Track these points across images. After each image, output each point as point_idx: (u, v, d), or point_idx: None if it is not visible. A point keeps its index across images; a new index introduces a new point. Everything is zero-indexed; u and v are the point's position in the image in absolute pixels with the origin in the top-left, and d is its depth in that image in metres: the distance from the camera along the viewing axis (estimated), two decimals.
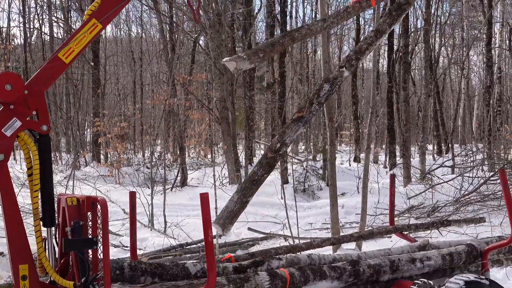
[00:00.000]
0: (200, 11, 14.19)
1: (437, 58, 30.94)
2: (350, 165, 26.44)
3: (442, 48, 34.46)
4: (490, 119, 23.31)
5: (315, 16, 31.62)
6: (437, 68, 31.62)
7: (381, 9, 13.44)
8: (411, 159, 21.80)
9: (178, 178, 20.50)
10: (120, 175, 21.32)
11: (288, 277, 4.37)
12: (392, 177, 6.50)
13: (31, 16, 31.93)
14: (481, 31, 29.01)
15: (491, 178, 15.24)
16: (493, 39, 25.36)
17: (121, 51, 40.73)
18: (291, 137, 4.90)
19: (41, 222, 3.89)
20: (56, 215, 4.00)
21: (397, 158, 24.56)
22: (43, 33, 31.78)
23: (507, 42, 29.06)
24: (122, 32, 42.07)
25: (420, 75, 39.71)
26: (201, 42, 26.33)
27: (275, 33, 24.39)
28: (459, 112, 37.35)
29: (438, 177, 17.57)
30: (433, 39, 30.06)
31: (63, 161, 27.13)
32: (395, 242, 9.31)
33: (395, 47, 25.49)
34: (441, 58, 37.04)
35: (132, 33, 39.91)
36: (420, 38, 27.82)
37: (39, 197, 3.87)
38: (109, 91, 35.10)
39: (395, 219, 6.81)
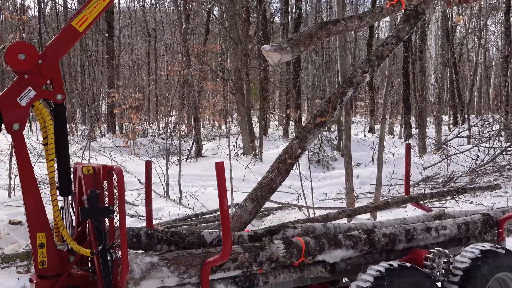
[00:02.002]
0: None
1: (454, 27, 30.52)
2: (365, 136, 26.36)
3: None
4: (507, 89, 23.04)
5: None
6: (454, 38, 31.21)
7: None
8: (427, 130, 21.66)
9: (193, 148, 20.56)
10: (135, 146, 21.42)
11: (303, 246, 4.38)
12: (408, 147, 6.45)
13: None
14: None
15: (508, 149, 15.15)
16: None
17: (135, 22, 40.57)
18: (312, 142, 4.85)
19: (57, 191, 3.92)
20: (72, 184, 4.03)
21: (413, 129, 24.43)
22: (57, 4, 31.74)
23: None
24: (136, 2, 41.93)
25: (436, 45, 39.27)
26: (215, 12, 26.18)
27: (290, 3, 24.17)
28: (476, 82, 36.94)
29: (454, 147, 17.49)
30: (450, 8, 29.59)
31: (78, 132, 27.29)
32: (409, 212, 9.31)
33: None
34: (458, 27, 36.53)
35: (146, 3, 39.75)
36: (437, 7, 27.42)
37: (55, 167, 3.89)
38: (123, 62, 35.04)
39: (410, 189, 6.79)
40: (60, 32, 3.93)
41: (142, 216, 10.07)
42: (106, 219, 3.79)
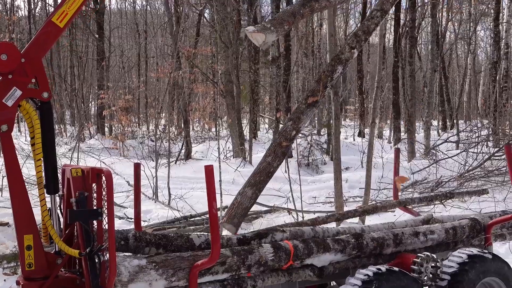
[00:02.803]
0: None
1: (444, 33, 30.69)
2: (354, 140, 26.42)
3: (449, 23, 34.18)
4: (496, 95, 23.18)
5: None
6: (444, 43, 31.38)
7: None
8: (416, 135, 21.75)
9: (182, 151, 20.53)
10: (125, 148, 21.35)
11: (292, 249, 4.38)
12: (397, 151, 6.48)
13: None
14: (489, 6, 28.71)
15: (496, 154, 15.22)
16: (501, 14, 25.09)
17: (126, 23, 40.51)
18: (305, 123, 4.80)
19: (45, 190, 3.89)
20: (59, 182, 4.00)
21: (402, 134, 24.52)
22: (47, 4, 31.62)
23: None
24: (127, 4, 41.83)
25: (426, 50, 39.47)
26: (206, 15, 26.16)
27: (281, 6, 24.19)
28: (465, 87, 37.12)
29: (442, 152, 17.55)
30: (440, 14, 29.79)
31: (67, 133, 27.17)
32: (398, 216, 9.34)
33: (402, 22, 25.26)
34: (448, 33, 36.77)
35: (136, 5, 39.69)
36: (427, 13, 27.57)
37: (43, 166, 3.87)
38: (113, 64, 34.98)
39: (399, 194, 6.81)
40: (41, 29, 3.88)
41: (131, 218, 10.03)
42: (95, 222, 3.78)
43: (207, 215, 9.11)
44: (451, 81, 41.33)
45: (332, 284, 5.28)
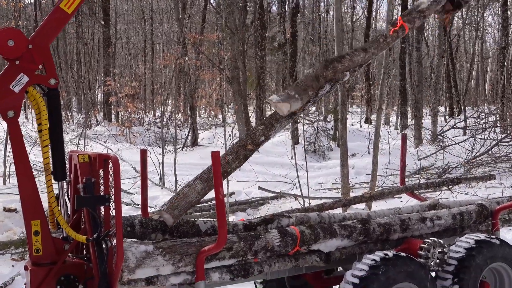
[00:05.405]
0: None
1: (451, 18, 30.47)
2: (361, 126, 26.35)
3: None
4: (503, 81, 23.03)
5: None
6: (451, 29, 31.15)
7: None
8: (423, 121, 21.68)
9: (189, 137, 20.54)
10: (131, 134, 21.38)
11: (298, 235, 4.39)
12: (404, 137, 6.46)
13: None
14: None
15: (503, 140, 15.17)
16: None
17: (132, 9, 40.35)
18: (277, 132, 4.71)
19: (52, 177, 3.90)
20: (67, 169, 4.01)
21: (409, 120, 24.44)
22: None
23: None
24: None
25: (433, 36, 39.23)
26: (212, 1, 26.06)
27: None
28: (472, 73, 36.92)
29: (449, 138, 17.50)
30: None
31: (74, 120, 27.21)
32: (405, 202, 9.33)
33: (409, 7, 25.05)
34: (455, 18, 36.47)
35: None
36: None
37: (50, 152, 3.87)
38: (119, 50, 34.90)
39: (406, 180, 6.79)
40: (49, 15, 3.86)
41: (138, 205, 10.07)
42: (102, 208, 3.78)
43: (213, 201, 9.15)
44: (459, 67, 41.08)
45: (338, 270, 5.29)
